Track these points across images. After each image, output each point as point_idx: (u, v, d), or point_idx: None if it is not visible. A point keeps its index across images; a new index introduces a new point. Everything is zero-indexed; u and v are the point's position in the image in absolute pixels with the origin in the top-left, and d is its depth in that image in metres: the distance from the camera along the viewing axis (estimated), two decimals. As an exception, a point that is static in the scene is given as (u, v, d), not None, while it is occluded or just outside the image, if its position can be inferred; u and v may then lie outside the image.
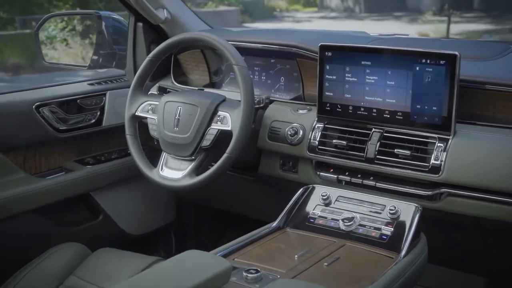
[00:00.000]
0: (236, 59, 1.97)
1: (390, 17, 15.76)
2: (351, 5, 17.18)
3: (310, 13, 17.01)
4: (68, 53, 5.17)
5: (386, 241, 1.71)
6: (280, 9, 17.36)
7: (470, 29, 13.08)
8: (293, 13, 17.20)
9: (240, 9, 15.11)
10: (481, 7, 15.60)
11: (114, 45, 2.61)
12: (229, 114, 1.98)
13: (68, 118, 2.26)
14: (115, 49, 2.62)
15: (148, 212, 2.59)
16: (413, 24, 14.16)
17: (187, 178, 2.02)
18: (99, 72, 2.61)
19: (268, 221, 2.29)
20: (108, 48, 2.59)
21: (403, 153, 1.84)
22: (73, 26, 5.93)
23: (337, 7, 17.38)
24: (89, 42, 5.95)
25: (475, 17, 14.74)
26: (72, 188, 2.27)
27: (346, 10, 17.09)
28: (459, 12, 14.09)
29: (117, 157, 2.44)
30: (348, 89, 1.96)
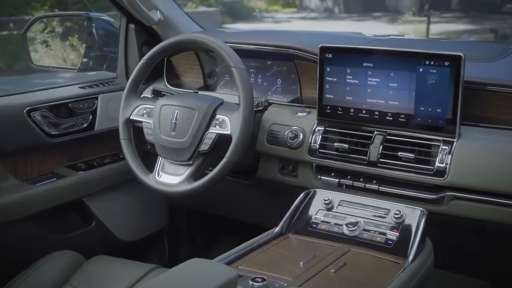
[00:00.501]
0: (235, 61, 1.93)
1: (369, 18, 15.82)
2: (330, 5, 17.22)
3: (290, 14, 17.02)
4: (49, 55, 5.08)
5: (391, 246, 1.68)
6: (260, 9, 17.35)
7: (450, 29, 13.17)
8: (272, 13, 17.20)
9: (220, 10, 15.06)
10: (459, 7, 15.73)
11: (105, 47, 2.55)
12: (228, 118, 1.93)
13: (59, 123, 2.20)
14: (106, 51, 2.56)
15: (141, 218, 2.53)
16: (393, 24, 14.22)
17: (184, 183, 1.97)
18: (90, 75, 2.55)
19: (266, 226, 2.24)
20: (98, 50, 2.53)
21: (407, 156, 1.81)
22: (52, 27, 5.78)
23: (316, 8, 17.41)
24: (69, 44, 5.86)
25: (453, 17, 14.85)
26: (64, 195, 2.21)
27: (325, 10, 17.12)
28: (438, 12, 14.18)
29: (110, 162, 2.38)
30: (349, 91, 1.93)
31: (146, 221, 2.57)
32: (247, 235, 2.75)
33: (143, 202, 2.53)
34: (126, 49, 2.44)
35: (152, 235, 2.58)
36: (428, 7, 13.13)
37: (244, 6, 17.17)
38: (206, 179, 1.93)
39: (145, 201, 2.54)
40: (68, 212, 2.28)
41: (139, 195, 2.50)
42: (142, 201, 2.53)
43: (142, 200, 2.53)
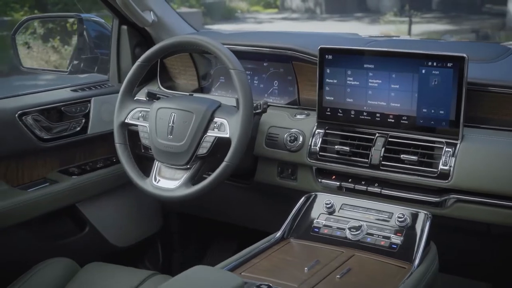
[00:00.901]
0: (233, 63, 1.89)
1: (351, 18, 15.89)
2: (312, 6, 17.26)
3: (272, 14, 17.04)
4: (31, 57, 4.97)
5: (396, 250, 1.65)
6: (241, 10, 17.33)
7: (431, 29, 13.27)
8: (254, 14, 17.20)
9: (202, 11, 15.01)
10: (439, 8, 15.85)
11: (96, 49, 2.50)
12: (226, 121, 1.89)
13: (52, 127, 2.14)
14: (97, 53, 2.51)
15: (134, 223, 2.49)
16: (375, 25, 14.28)
17: (182, 188, 1.93)
18: (81, 78, 2.49)
19: (263, 230, 2.21)
20: (89, 52, 2.48)
21: (410, 159, 1.78)
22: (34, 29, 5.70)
23: (298, 8, 17.44)
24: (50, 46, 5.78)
25: (434, 17, 14.97)
26: (57, 200, 2.16)
27: (307, 11, 17.16)
28: (419, 13, 14.26)
29: (103, 166, 2.33)
30: (349, 93, 1.90)
31: (139, 226, 2.52)
32: (242, 240, 2.73)
33: (136, 206, 2.49)
34: (118, 51, 2.39)
35: (145, 240, 2.54)
36: (409, 7, 13.17)
37: (226, 7, 17.14)
38: (205, 184, 1.89)
39: (138, 205, 2.49)
40: (60, 218, 2.23)
41: (132, 199, 2.46)
42: (135, 205, 2.48)
43: (135, 204, 2.48)
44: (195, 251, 2.77)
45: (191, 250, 2.77)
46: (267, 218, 2.27)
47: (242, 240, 2.71)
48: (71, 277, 1.88)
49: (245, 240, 2.69)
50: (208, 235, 2.80)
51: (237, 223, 2.46)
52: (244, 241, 2.69)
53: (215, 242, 2.78)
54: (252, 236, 2.51)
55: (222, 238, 2.78)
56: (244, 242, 2.69)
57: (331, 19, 16.08)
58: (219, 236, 2.78)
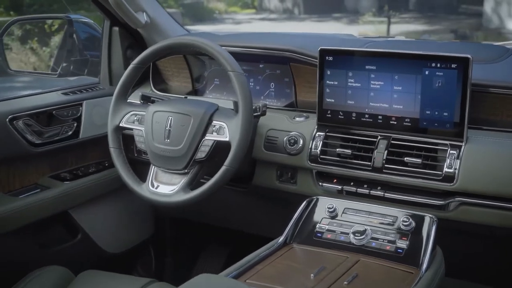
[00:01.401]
0: (232, 65, 1.85)
1: (329, 19, 15.90)
2: (290, 6, 17.26)
3: (250, 15, 16.99)
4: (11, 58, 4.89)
5: (402, 255, 1.62)
6: (219, 11, 17.27)
7: (409, 29, 13.32)
8: (232, 15, 17.15)
9: (181, 11, 14.91)
10: (417, 8, 15.95)
11: (85, 51, 2.44)
12: (225, 124, 1.85)
13: (43, 131, 2.08)
14: (86, 55, 2.45)
15: (127, 228, 2.43)
16: (353, 25, 14.31)
17: (180, 193, 1.88)
18: (70, 80, 2.43)
19: (260, 235, 2.18)
20: (78, 54, 2.42)
21: (414, 162, 1.75)
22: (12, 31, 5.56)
23: (276, 9, 17.43)
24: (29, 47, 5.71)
25: (411, 17, 15.05)
26: (50, 207, 2.09)
27: (285, 11, 17.15)
28: (397, 13, 14.33)
29: (95, 171, 2.27)
30: (351, 95, 1.87)
31: (132, 232, 2.47)
32: (236, 245, 2.69)
33: (128, 212, 2.44)
34: (109, 53, 2.34)
35: (138, 246, 2.48)
36: (388, 7, 13.23)
37: (204, 7, 17.06)
38: (204, 189, 1.85)
39: (130, 211, 2.44)
40: (52, 225, 2.16)
41: (124, 205, 2.40)
42: (127, 211, 2.43)
43: (127, 210, 2.43)
44: (187, 256, 2.72)
45: (183, 256, 2.72)
46: (265, 223, 2.24)
47: (236, 244, 2.68)
48: (66, 286, 1.83)
49: (239, 245, 2.66)
50: (201, 240, 2.75)
51: (234, 228, 2.41)
52: (239, 245, 2.66)
53: (208, 247, 2.74)
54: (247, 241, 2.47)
55: (215, 242, 2.73)
56: (239, 247, 2.67)
57: (309, 20, 16.08)
58: (212, 241, 2.74)
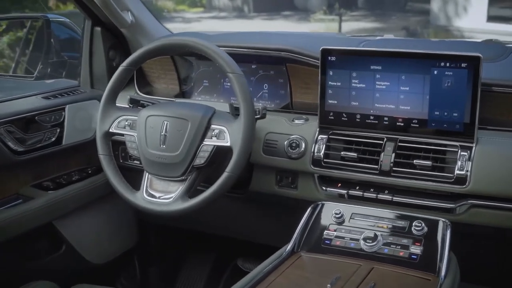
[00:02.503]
0: (231, 67, 1.76)
1: (279, 17, 15.92)
2: (239, 4, 17.19)
3: (199, 13, 16.85)
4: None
5: (417, 261, 1.57)
6: (168, 9, 17.06)
7: (360, 27, 13.44)
8: (181, 13, 16.96)
9: (129, 10, 14.64)
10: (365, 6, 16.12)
11: (62, 52, 2.31)
12: (226, 128, 1.76)
13: (26, 138, 1.96)
14: (64, 57, 2.32)
15: (110, 238, 2.32)
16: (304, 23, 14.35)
17: (179, 201, 1.79)
18: (48, 84, 2.30)
19: (257, 242, 2.10)
20: (55, 56, 2.29)
21: (423, 164, 1.70)
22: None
23: (225, 7, 17.33)
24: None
25: (361, 15, 15.20)
26: (34, 219, 1.97)
27: (235, 9, 17.08)
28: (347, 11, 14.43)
29: (79, 178, 2.15)
30: (355, 96, 1.81)
31: (116, 241, 2.36)
32: (222, 251, 2.61)
33: (112, 220, 2.32)
34: (91, 54, 2.21)
35: (122, 255, 2.37)
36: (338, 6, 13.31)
37: (153, 6, 16.82)
38: (205, 196, 1.76)
39: (114, 219, 2.33)
40: (36, 237, 2.03)
41: (107, 213, 2.29)
42: (111, 219, 2.32)
43: (111, 218, 2.31)
44: (172, 264, 2.62)
45: (168, 264, 2.61)
46: (263, 229, 2.16)
47: (231, 252, 2.60)
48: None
49: (234, 252, 2.58)
50: (185, 248, 2.66)
51: (229, 235, 2.33)
52: (234, 253, 2.58)
53: (193, 255, 2.64)
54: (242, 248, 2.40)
55: (200, 250, 2.64)
56: (233, 255, 2.58)
57: (259, 18, 16.05)
58: (196, 248, 2.64)
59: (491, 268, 1.89)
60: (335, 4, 14.21)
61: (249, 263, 2.52)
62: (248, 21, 15.88)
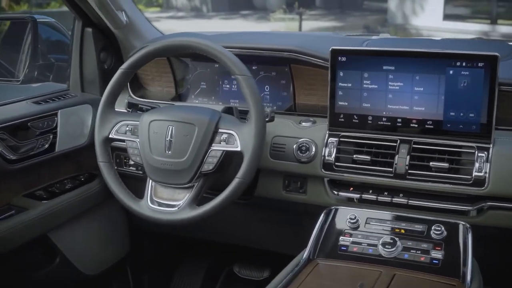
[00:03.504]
0: (240, 69, 1.69)
1: (238, 16, 15.88)
2: (198, 4, 17.09)
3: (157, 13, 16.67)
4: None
5: (439, 266, 1.54)
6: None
7: (320, 26, 13.50)
8: (139, 13, 16.72)
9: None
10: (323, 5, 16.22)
11: (49, 55, 2.20)
12: (235, 132, 1.69)
13: (19, 146, 1.84)
14: (50, 60, 2.21)
15: (103, 247, 2.22)
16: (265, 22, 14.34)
17: (186, 209, 1.71)
18: (35, 88, 2.18)
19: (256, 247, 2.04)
20: (42, 58, 2.18)
21: (440, 166, 1.66)
22: None
23: (183, 7, 17.21)
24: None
25: (319, 14, 15.29)
26: (29, 231, 1.86)
27: (193, 9, 16.98)
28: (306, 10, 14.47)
29: (72, 187, 2.05)
30: (366, 98, 1.76)
31: (109, 250, 2.26)
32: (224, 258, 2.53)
33: (104, 229, 2.23)
34: (81, 56, 2.11)
35: (115, 264, 2.27)
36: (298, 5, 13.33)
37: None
38: (215, 204, 1.68)
39: (106, 228, 2.24)
40: (30, 250, 1.92)
41: (100, 222, 2.20)
42: (103, 228, 2.22)
43: (103, 227, 2.22)
44: (165, 271, 2.53)
45: (161, 272, 2.52)
46: (268, 236, 2.11)
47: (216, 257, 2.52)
48: None
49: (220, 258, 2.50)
50: (178, 254, 2.57)
51: (224, 241, 2.25)
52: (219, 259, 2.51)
53: (186, 261, 2.56)
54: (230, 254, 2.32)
55: (193, 256, 2.56)
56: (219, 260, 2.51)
57: (217, 17, 15.99)
58: (190, 254, 2.56)
59: (503, 269, 1.87)
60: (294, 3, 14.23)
61: (246, 269, 2.46)
62: (207, 20, 15.80)
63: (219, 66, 2.08)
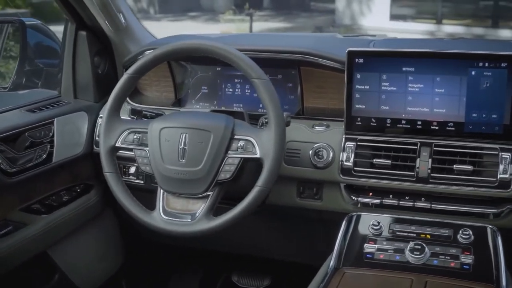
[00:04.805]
0: (257, 72, 1.62)
1: (186, 18, 15.73)
2: (145, 6, 16.86)
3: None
4: None
5: (470, 271, 1.50)
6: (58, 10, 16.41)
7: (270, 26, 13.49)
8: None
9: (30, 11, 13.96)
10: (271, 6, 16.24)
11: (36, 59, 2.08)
12: (253, 139, 1.62)
13: (17, 157, 1.73)
14: (39, 65, 2.08)
15: (99, 260, 2.12)
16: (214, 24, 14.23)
17: (203, 221, 1.63)
18: (23, 95, 2.05)
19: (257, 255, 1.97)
20: (29, 64, 2.05)
21: (464, 169, 1.63)
22: None
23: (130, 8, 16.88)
24: None
25: (268, 15, 15.30)
26: (29, 248, 1.75)
27: (140, 11, 16.71)
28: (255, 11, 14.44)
29: (69, 199, 1.94)
30: (385, 100, 1.72)
31: (104, 263, 2.16)
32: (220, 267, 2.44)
33: (99, 243, 2.13)
34: (74, 61, 1.99)
35: (112, 277, 2.16)
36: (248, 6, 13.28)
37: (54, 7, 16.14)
38: (234, 214, 1.60)
39: (102, 241, 2.14)
40: (28, 268, 1.80)
41: (95, 235, 2.10)
42: (98, 242, 2.12)
43: (98, 240, 2.12)
44: (160, 282, 2.43)
45: (156, 282, 2.42)
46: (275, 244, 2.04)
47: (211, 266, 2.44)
48: None
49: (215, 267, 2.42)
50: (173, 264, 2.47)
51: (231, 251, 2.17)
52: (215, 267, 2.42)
53: (181, 271, 2.47)
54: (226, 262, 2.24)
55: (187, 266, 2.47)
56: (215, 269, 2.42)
57: (165, 19, 15.79)
58: (184, 264, 2.47)
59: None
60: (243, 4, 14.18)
61: (245, 278, 2.38)
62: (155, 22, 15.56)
63: (221, 69, 2.00)
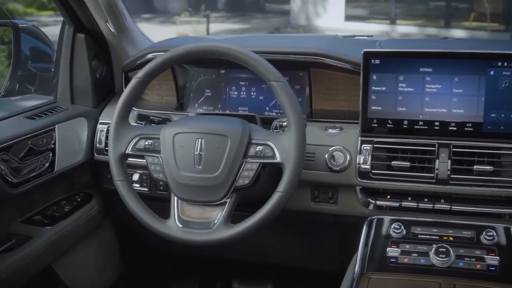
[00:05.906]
0: (274, 75, 1.57)
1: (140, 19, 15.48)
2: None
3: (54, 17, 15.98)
4: None
5: (496, 272, 1.49)
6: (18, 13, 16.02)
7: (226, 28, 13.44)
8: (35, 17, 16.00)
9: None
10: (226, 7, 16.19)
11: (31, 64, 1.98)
12: (272, 143, 1.57)
13: (21, 167, 1.63)
14: (32, 69, 1.99)
15: (98, 272, 2.04)
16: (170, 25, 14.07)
17: (222, 228, 1.57)
18: (17, 100, 1.95)
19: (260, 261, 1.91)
20: (23, 68, 1.96)
21: (484, 169, 1.62)
22: None
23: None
24: None
25: (223, 17, 15.23)
26: (34, 264, 1.65)
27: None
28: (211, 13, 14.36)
29: (71, 209, 1.85)
30: (402, 101, 1.69)
31: (103, 275, 2.08)
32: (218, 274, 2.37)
33: (98, 254, 2.05)
34: (71, 65, 1.90)
35: None
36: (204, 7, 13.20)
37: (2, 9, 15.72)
38: (254, 221, 1.55)
39: (100, 252, 2.05)
40: (31, 284, 1.71)
41: (95, 246, 2.02)
42: (97, 253, 2.04)
43: (97, 252, 2.04)
44: None
45: None
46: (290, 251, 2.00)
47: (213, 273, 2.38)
48: None
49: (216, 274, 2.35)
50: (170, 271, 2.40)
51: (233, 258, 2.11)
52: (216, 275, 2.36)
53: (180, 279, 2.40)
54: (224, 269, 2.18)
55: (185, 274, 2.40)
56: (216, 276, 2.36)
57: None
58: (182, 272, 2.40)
59: None
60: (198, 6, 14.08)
61: (246, 284, 2.33)
62: (109, 24, 15.33)
63: (225, 71, 1.95)
